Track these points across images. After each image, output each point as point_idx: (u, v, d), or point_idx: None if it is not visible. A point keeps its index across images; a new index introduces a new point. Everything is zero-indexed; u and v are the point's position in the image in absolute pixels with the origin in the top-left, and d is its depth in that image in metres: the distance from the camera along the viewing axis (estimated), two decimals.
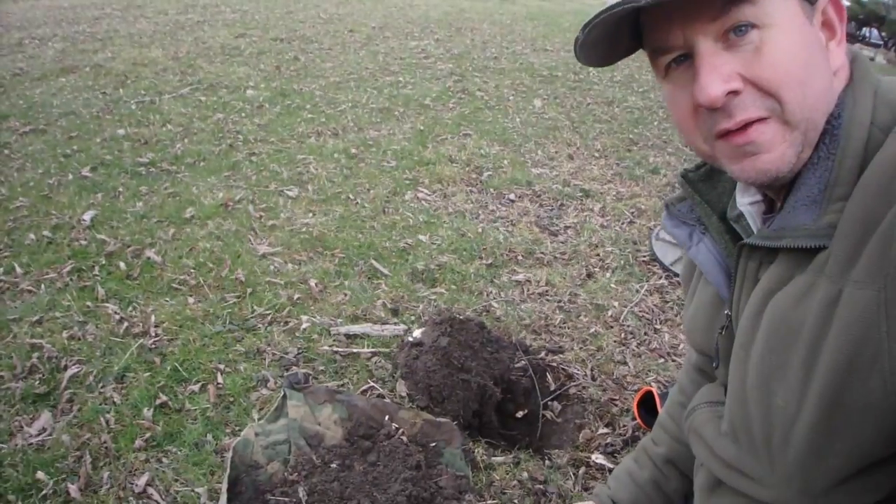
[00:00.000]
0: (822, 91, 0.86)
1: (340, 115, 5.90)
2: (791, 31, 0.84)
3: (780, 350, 0.86)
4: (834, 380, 0.79)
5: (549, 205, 4.32)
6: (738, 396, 0.96)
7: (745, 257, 0.97)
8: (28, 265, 3.29)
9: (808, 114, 0.85)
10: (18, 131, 5.18)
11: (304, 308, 3.02)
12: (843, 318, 0.78)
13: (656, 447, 1.46)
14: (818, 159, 0.86)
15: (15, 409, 2.36)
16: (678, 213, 1.12)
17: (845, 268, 0.79)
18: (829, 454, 0.83)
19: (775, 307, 0.88)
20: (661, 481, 1.43)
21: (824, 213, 0.83)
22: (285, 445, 2.20)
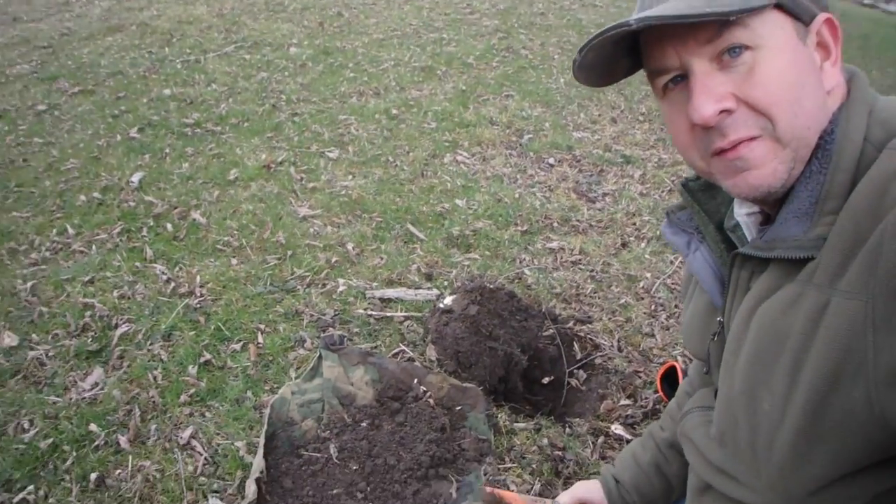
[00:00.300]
0: (813, 110, 0.88)
1: (383, 74, 5.93)
2: (783, 52, 0.87)
3: (766, 357, 0.89)
4: (819, 387, 0.81)
5: (589, 170, 4.33)
6: (725, 402, 1.01)
7: (738, 266, 1.00)
8: (80, 226, 3.45)
9: (798, 132, 0.87)
10: (68, 92, 5.33)
11: (341, 271, 3.12)
12: (830, 326, 0.80)
13: (662, 432, 1.51)
14: (810, 173, 0.88)
15: (69, 365, 2.52)
16: (678, 221, 1.15)
17: (834, 278, 0.81)
18: (812, 460, 0.86)
19: (763, 315, 0.91)
20: (662, 464, 1.48)
21: (815, 225, 0.86)
22: (319, 404, 2.32)
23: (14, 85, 5.51)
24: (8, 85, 5.52)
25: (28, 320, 2.76)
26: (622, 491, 1.54)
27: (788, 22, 0.88)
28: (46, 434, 2.22)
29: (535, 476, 2.12)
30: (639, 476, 1.51)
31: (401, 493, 2.01)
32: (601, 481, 1.59)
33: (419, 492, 2.02)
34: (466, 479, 2.08)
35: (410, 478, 2.05)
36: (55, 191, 3.81)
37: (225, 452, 2.16)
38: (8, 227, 3.43)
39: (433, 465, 2.09)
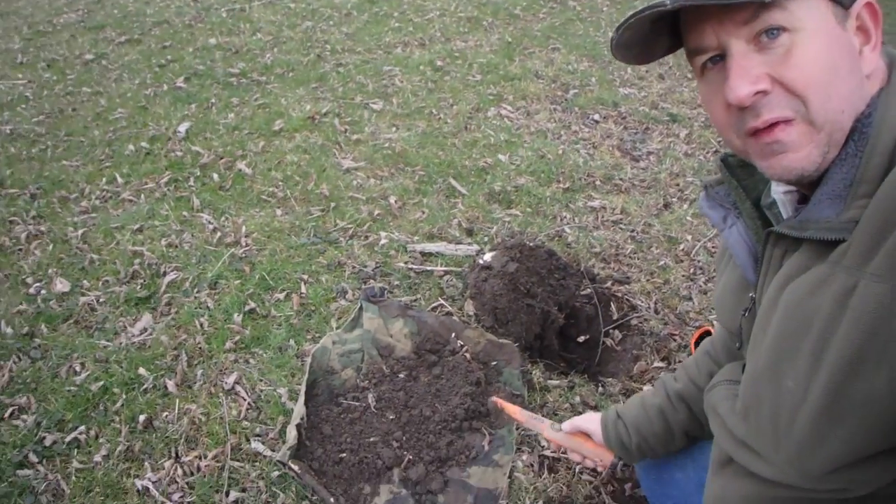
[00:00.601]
0: (849, 94, 0.87)
1: (428, 24, 5.89)
2: (820, 35, 0.86)
3: (793, 335, 0.90)
4: (842, 368, 0.81)
5: (634, 128, 4.28)
6: (751, 377, 1.01)
7: (772, 244, 1.01)
8: (128, 175, 3.54)
9: (832, 116, 0.87)
10: (114, 41, 5.40)
11: (383, 224, 3.16)
12: (857, 309, 0.80)
13: (675, 383, 1.54)
14: (846, 156, 0.88)
15: (119, 311, 2.62)
16: (715, 196, 1.14)
17: (863, 261, 0.81)
18: (831, 440, 0.86)
19: (792, 294, 0.91)
20: (667, 411, 1.51)
21: (847, 208, 0.86)
22: (359, 354, 2.38)
23: (61, 34, 5.59)
24: (56, 34, 5.61)
25: (79, 267, 2.85)
26: (619, 426, 1.58)
27: (828, 5, 0.87)
28: (97, 377, 2.31)
29: None
30: (641, 416, 1.55)
31: (435, 443, 2.07)
32: (601, 415, 1.64)
33: (453, 443, 2.08)
34: (499, 432, 2.13)
35: (445, 429, 2.11)
36: (104, 140, 3.90)
37: (267, 398, 2.24)
38: (59, 176, 3.53)
39: (467, 418, 2.14)
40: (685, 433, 1.52)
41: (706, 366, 1.46)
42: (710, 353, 1.47)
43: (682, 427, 1.51)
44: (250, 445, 2.07)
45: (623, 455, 1.62)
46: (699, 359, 1.50)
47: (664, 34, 0.98)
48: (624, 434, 1.57)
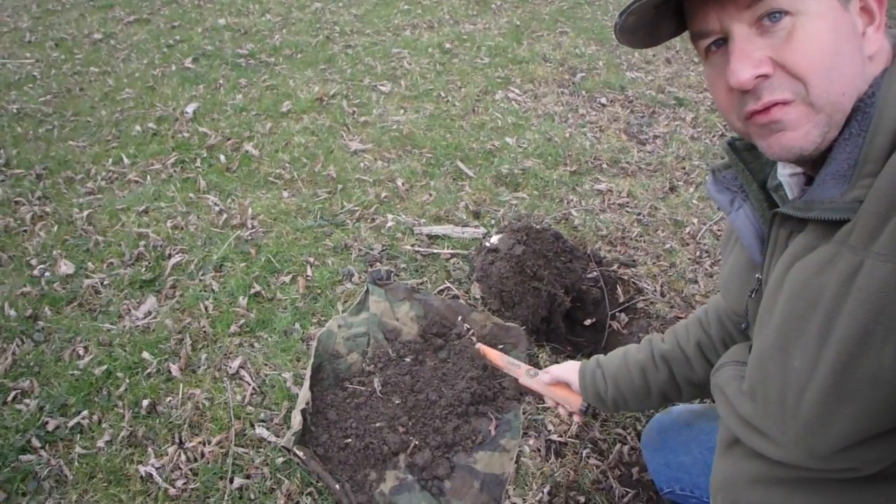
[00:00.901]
0: (850, 77, 0.87)
1: (436, 6, 5.85)
2: (822, 18, 0.86)
3: (799, 315, 0.90)
4: (848, 347, 0.82)
5: (641, 111, 4.25)
6: (758, 357, 1.01)
7: (778, 225, 1.01)
8: (135, 156, 3.52)
9: (833, 98, 0.87)
10: (123, 21, 5.38)
11: (390, 206, 3.14)
12: (863, 288, 0.80)
13: (661, 343, 1.56)
14: (849, 136, 0.88)
15: (123, 294, 2.61)
16: (722, 180, 1.15)
17: (868, 240, 0.81)
18: (839, 419, 0.87)
19: (798, 274, 0.92)
20: (648, 369, 1.54)
21: (852, 188, 0.86)
22: (365, 338, 2.37)
23: (70, 13, 5.58)
24: (65, 13, 5.59)
25: (84, 249, 2.84)
26: (597, 376, 1.61)
27: None
28: (101, 361, 2.30)
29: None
30: (621, 370, 1.58)
31: (441, 428, 2.06)
32: (580, 364, 1.66)
33: (459, 428, 2.07)
34: (505, 416, 2.12)
35: (451, 414, 2.10)
36: (111, 120, 3.88)
37: (272, 383, 2.23)
38: (65, 156, 3.52)
39: (473, 402, 2.13)
40: (662, 394, 1.55)
41: (696, 334, 1.49)
42: (702, 321, 1.49)
43: (660, 388, 1.54)
44: (255, 431, 2.06)
45: (597, 404, 1.66)
46: (690, 325, 1.52)
47: (668, 17, 0.97)
48: (601, 384, 1.61)
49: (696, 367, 1.49)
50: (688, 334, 1.51)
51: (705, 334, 1.47)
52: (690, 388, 1.53)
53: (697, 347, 1.48)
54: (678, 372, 1.51)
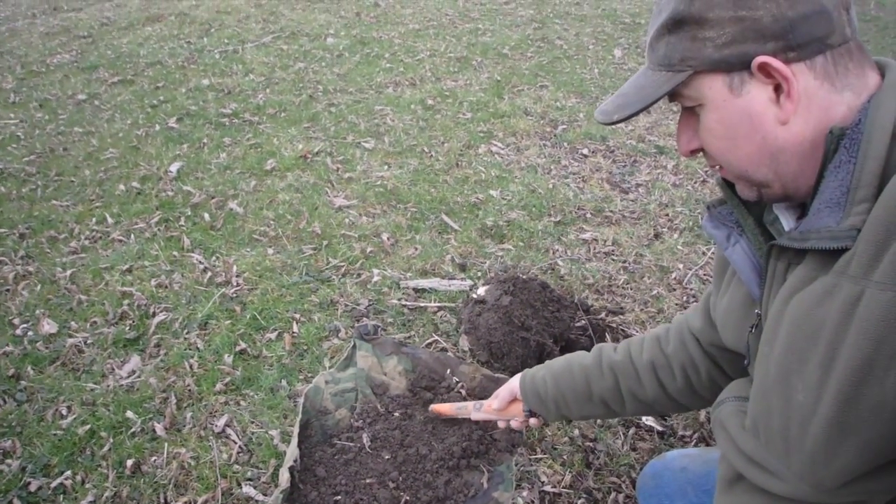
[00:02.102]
0: (749, 154, 0.98)
1: (418, 64, 5.94)
2: (714, 110, 0.98)
3: (801, 347, 0.90)
4: (851, 378, 0.82)
5: (623, 161, 4.30)
6: (760, 391, 1.01)
7: (775, 258, 1.02)
8: (118, 215, 3.51)
9: (739, 172, 1.01)
10: (107, 82, 5.43)
11: (376, 261, 3.14)
12: (864, 318, 0.80)
13: (613, 353, 1.56)
14: (839, 163, 0.89)
15: (107, 353, 2.57)
16: (718, 216, 1.17)
17: (868, 269, 0.81)
18: (844, 451, 0.86)
19: (797, 306, 0.92)
20: (592, 374, 1.55)
21: (847, 215, 0.86)
22: (353, 393, 2.34)
23: (55, 74, 5.62)
24: (49, 74, 5.63)
25: (67, 308, 2.81)
26: (537, 376, 1.65)
27: (722, 78, 0.95)
28: (84, 420, 2.26)
29: (566, 467, 2.11)
30: (563, 370, 1.61)
31: (432, 482, 2.02)
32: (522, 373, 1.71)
33: (451, 482, 2.03)
34: (498, 469, 2.08)
35: (442, 468, 2.06)
36: (95, 180, 3.88)
37: (259, 441, 2.19)
38: (48, 216, 3.50)
39: (465, 456, 2.10)
40: (603, 401, 1.54)
41: (651, 351, 1.50)
42: (661, 340, 1.50)
43: (602, 395, 1.54)
44: (242, 490, 2.01)
45: (538, 408, 1.64)
46: (647, 341, 1.53)
47: None
48: (541, 384, 1.61)
49: (645, 384, 1.48)
50: (642, 349, 1.51)
51: (662, 354, 1.47)
52: (635, 402, 1.52)
53: (650, 365, 1.48)
54: (624, 384, 1.51)
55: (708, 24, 0.92)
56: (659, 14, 0.99)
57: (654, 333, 1.54)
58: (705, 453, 1.62)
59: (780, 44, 0.90)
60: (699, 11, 0.93)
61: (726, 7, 0.91)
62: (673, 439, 2.24)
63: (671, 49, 0.97)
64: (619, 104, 1.04)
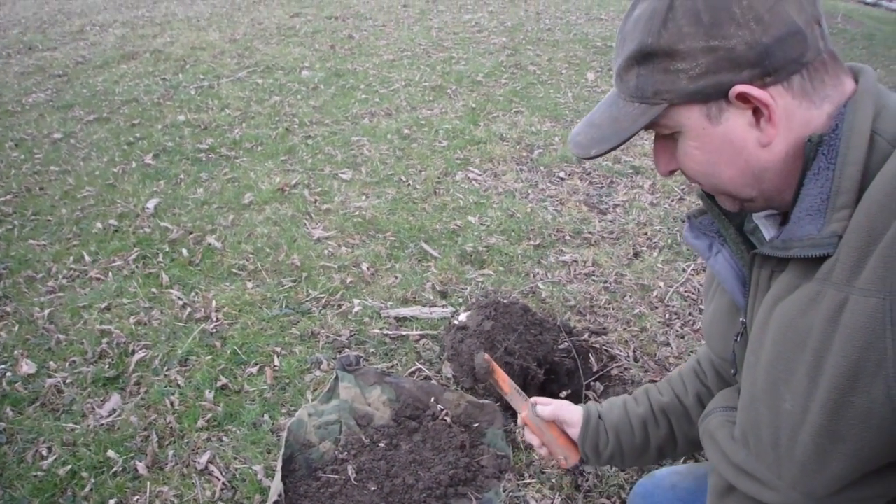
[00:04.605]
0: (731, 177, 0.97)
1: (394, 94, 5.97)
2: (692, 138, 0.97)
3: (787, 356, 0.90)
4: (839, 385, 0.82)
5: (599, 182, 4.33)
6: (748, 401, 1.01)
7: (758, 266, 1.02)
8: (96, 253, 3.49)
9: (722, 191, 1.01)
10: (83, 120, 5.41)
11: (356, 291, 3.13)
12: (849, 325, 0.81)
13: (659, 395, 1.51)
14: (818, 170, 0.89)
15: (87, 392, 2.54)
16: (699, 226, 1.17)
17: (851, 276, 0.82)
18: (834, 459, 0.86)
19: (782, 314, 0.92)
20: (649, 422, 1.48)
21: (828, 221, 0.86)
22: (337, 425, 2.32)
23: (30, 113, 5.60)
24: (24, 113, 5.61)
25: (46, 348, 2.78)
26: (601, 428, 1.52)
27: (700, 108, 0.94)
28: (65, 461, 2.23)
29: (555, 491, 2.10)
30: (623, 423, 1.51)
31: None
32: (584, 410, 1.56)
33: None
34: (486, 496, 2.07)
35: (430, 497, 2.04)
36: (72, 218, 3.85)
37: (243, 476, 2.16)
38: (25, 255, 3.47)
39: (452, 484, 2.08)
40: (659, 449, 1.50)
41: (693, 385, 1.45)
42: (698, 372, 1.46)
43: (659, 443, 1.49)
44: None
45: (592, 457, 1.55)
46: (686, 376, 1.49)
47: None
48: (603, 437, 1.52)
49: (695, 420, 1.44)
50: (685, 386, 1.48)
51: (703, 385, 1.44)
52: (687, 443, 1.48)
53: (697, 399, 1.44)
54: (678, 426, 1.47)
55: (679, 56, 0.90)
56: (624, 43, 0.97)
57: (689, 367, 1.51)
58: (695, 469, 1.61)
59: (757, 70, 0.88)
60: (669, 44, 0.90)
61: (697, 37, 0.88)
62: None
63: (643, 81, 0.95)
64: (594, 137, 1.02)
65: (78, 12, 9.38)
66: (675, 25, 0.89)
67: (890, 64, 7.56)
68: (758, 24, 0.87)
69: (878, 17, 10.55)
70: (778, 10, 0.87)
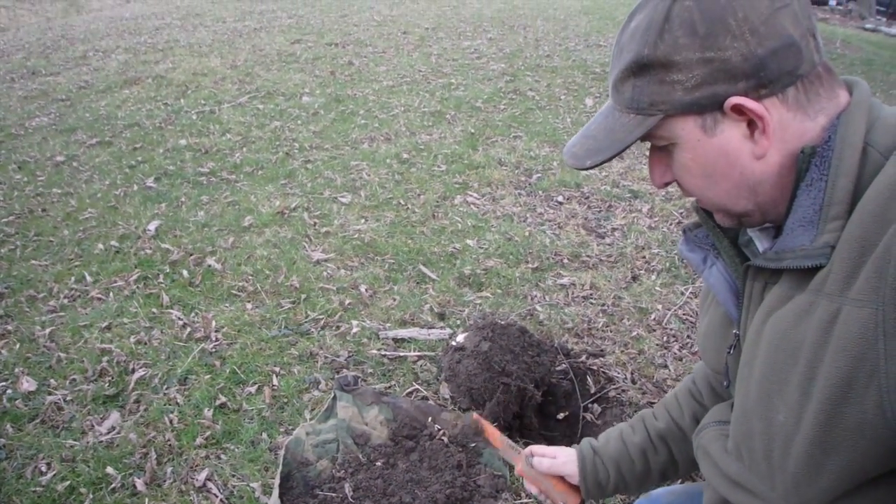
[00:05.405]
0: (726, 190, 0.98)
1: (393, 119, 6.03)
2: (687, 150, 0.97)
3: (780, 367, 0.90)
4: (832, 396, 0.82)
5: (598, 206, 4.37)
6: (741, 413, 1.01)
7: (752, 278, 1.03)
8: (97, 274, 3.52)
9: (716, 205, 1.02)
10: (86, 143, 5.46)
11: (354, 313, 3.15)
12: (842, 335, 0.81)
13: (655, 421, 1.49)
14: (811, 181, 0.90)
15: (87, 410, 2.56)
16: (694, 239, 1.18)
17: (844, 286, 0.82)
18: (828, 470, 0.86)
19: (775, 325, 0.92)
20: (648, 450, 1.47)
21: (821, 232, 0.87)
22: (334, 444, 2.33)
23: (33, 137, 5.64)
24: (27, 137, 5.65)
25: (46, 366, 2.80)
26: (598, 464, 1.50)
27: (694, 119, 0.94)
28: (64, 477, 2.24)
29: None
30: (622, 453, 1.49)
31: None
32: (577, 450, 1.54)
33: None
34: None
35: None
36: (73, 239, 3.89)
37: (241, 494, 2.17)
38: (27, 275, 3.50)
39: (449, 503, 2.09)
40: (662, 473, 1.49)
41: (689, 406, 1.45)
42: (693, 392, 1.45)
43: (661, 468, 1.47)
44: None
45: (595, 493, 1.52)
46: (681, 398, 1.49)
47: None
48: (602, 473, 1.50)
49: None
50: (681, 408, 1.47)
51: (699, 405, 1.43)
52: (687, 463, 1.46)
53: (693, 420, 1.43)
54: (677, 450, 1.46)
55: (675, 68, 0.91)
56: (621, 54, 0.98)
57: (684, 387, 1.51)
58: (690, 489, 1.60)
59: (752, 82, 0.89)
60: (665, 55, 0.91)
61: (693, 49, 0.89)
62: None
63: (638, 92, 0.95)
64: (590, 148, 1.01)
65: (81, 38, 9.47)
66: (672, 37, 0.90)
67: (889, 89, 7.65)
68: (753, 35, 0.87)
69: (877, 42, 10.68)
70: (773, 22, 0.88)
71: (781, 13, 0.89)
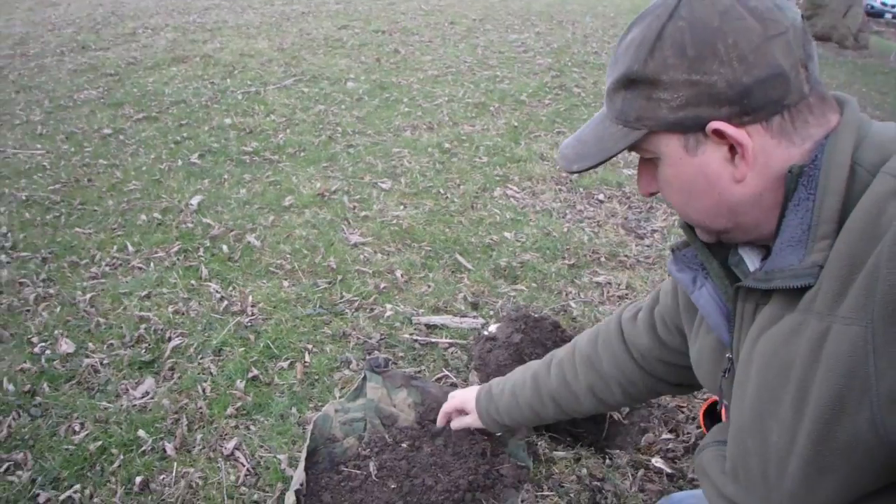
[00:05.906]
0: (706, 207, 0.99)
1: (436, 109, 6.04)
2: (670, 165, 0.99)
3: (772, 387, 0.91)
4: (824, 415, 0.82)
5: (638, 207, 4.34)
6: (737, 434, 1.01)
7: (742, 299, 1.03)
8: (139, 244, 3.58)
9: (695, 221, 1.04)
10: (132, 118, 5.55)
11: (389, 297, 3.17)
12: (832, 353, 0.81)
13: (549, 380, 1.72)
14: (799, 201, 0.90)
15: (122, 374, 2.61)
16: (683, 259, 1.18)
17: (833, 305, 0.82)
18: (823, 488, 0.86)
19: (766, 345, 0.93)
20: (536, 405, 1.75)
21: (809, 252, 0.87)
22: (361, 423, 2.35)
23: (82, 109, 5.75)
24: (76, 109, 5.76)
25: (85, 329, 2.86)
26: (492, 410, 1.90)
27: (678, 138, 0.95)
28: (96, 437, 2.29)
29: None
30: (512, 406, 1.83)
31: None
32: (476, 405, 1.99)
33: None
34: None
35: (448, 500, 2.06)
36: (117, 210, 3.96)
37: (267, 465, 2.21)
38: (71, 242, 3.57)
39: (470, 489, 2.10)
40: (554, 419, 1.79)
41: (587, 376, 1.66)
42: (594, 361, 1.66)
43: (547, 417, 1.78)
44: None
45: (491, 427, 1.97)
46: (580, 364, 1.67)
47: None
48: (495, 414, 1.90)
49: (584, 403, 1.65)
50: (576, 373, 1.63)
51: (598, 376, 1.59)
52: (578, 415, 1.74)
53: (589, 389, 1.62)
54: (567, 406, 1.70)
55: (662, 86, 0.92)
56: (615, 65, 1.00)
57: (584, 354, 1.63)
58: None
59: (735, 109, 0.90)
60: (653, 73, 0.93)
61: (680, 70, 0.90)
62: (682, 481, 2.24)
63: (627, 105, 0.98)
64: (580, 153, 1.04)
65: (131, 15, 9.61)
66: (661, 55, 0.92)
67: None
68: (741, 63, 0.88)
69: None
70: (763, 52, 0.88)
71: (774, 42, 0.88)
